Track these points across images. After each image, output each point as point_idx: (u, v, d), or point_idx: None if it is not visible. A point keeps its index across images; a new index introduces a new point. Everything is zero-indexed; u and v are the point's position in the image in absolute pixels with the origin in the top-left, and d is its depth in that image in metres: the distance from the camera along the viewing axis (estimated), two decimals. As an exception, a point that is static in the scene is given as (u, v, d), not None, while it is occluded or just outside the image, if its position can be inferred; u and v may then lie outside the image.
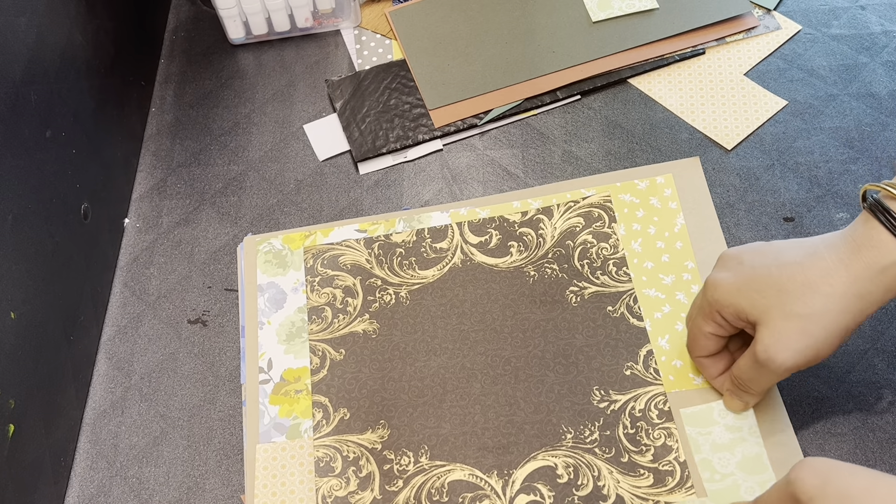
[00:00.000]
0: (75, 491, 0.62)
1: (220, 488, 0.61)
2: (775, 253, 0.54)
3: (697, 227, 0.67)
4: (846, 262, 0.51)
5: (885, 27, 0.77)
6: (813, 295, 0.51)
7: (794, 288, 0.52)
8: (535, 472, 0.59)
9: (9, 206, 0.57)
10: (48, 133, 0.62)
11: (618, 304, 0.64)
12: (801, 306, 0.51)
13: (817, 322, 0.51)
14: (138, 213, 0.73)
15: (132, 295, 0.69)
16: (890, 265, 0.50)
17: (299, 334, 0.65)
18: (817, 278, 0.51)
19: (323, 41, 0.82)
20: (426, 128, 0.74)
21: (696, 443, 0.58)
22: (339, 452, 0.61)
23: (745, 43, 0.77)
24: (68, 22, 0.67)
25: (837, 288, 0.51)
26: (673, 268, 0.65)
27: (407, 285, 0.66)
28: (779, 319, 0.52)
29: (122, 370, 0.66)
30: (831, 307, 0.51)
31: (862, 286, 0.50)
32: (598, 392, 0.61)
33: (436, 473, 0.59)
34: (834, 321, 0.51)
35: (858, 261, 0.51)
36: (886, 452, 0.58)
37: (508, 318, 0.64)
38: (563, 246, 0.67)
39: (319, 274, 0.67)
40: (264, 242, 0.69)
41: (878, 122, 0.72)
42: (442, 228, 0.69)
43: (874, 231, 0.51)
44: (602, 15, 0.78)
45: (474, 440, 0.60)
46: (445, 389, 0.62)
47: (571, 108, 0.75)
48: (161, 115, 0.78)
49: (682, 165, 0.70)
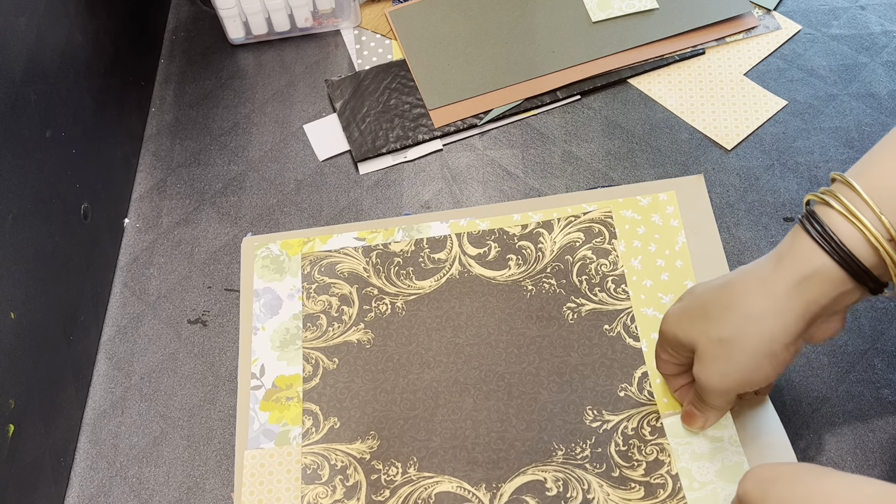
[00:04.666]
0: (75, 491, 0.62)
1: (220, 488, 0.61)
2: (717, 278, 0.52)
3: (699, 246, 0.66)
4: (764, 278, 0.48)
5: (885, 27, 0.77)
6: (732, 317, 0.49)
7: (716, 312, 0.50)
8: (524, 486, 0.58)
9: (9, 206, 0.57)
10: (48, 133, 0.62)
11: (615, 323, 0.64)
12: (721, 330, 0.49)
13: (736, 346, 0.49)
14: (138, 213, 0.73)
15: (132, 295, 0.69)
16: (809, 275, 0.46)
17: (293, 341, 0.65)
18: (736, 300, 0.49)
19: (323, 41, 0.82)
20: (426, 128, 0.74)
21: (675, 453, 0.58)
22: (326, 461, 0.60)
23: (745, 43, 0.77)
24: (68, 22, 0.67)
25: (753, 308, 0.48)
26: (672, 287, 0.65)
27: (403, 295, 0.66)
28: (704, 345, 0.50)
29: (122, 370, 0.66)
30: (749, 329, 0.48)
31: (780, 303, 0.47)
32: (591, 412, 0.61)
33: (423, 485, 0.59)
34: (754, 344, 0.48)
35: (776, 274, 0.47)
36: (886, 452, 0.58)
37: (504, 333, 0.64)
38: (562, 261, 0.66)
39: (316, 281, 0.67)
40: (262, 247, 0.69)
41: (878, 122, 0.72)
42: (441, 239, 0.68)
43: (798, 240, 0.47)
44: (602, 15, 0.78)
45: (464, 454, 0.60)
46: (437, 403, 0.62)
47: (571, 108, 0.75)
48: (161, 115, 0.78)
49: (686, 183, 0.69)
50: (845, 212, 0.46)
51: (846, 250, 0.46)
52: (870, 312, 0.63)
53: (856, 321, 0.63)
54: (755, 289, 0.48)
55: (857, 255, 0.46)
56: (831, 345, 0.62)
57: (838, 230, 0.46)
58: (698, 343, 0.51)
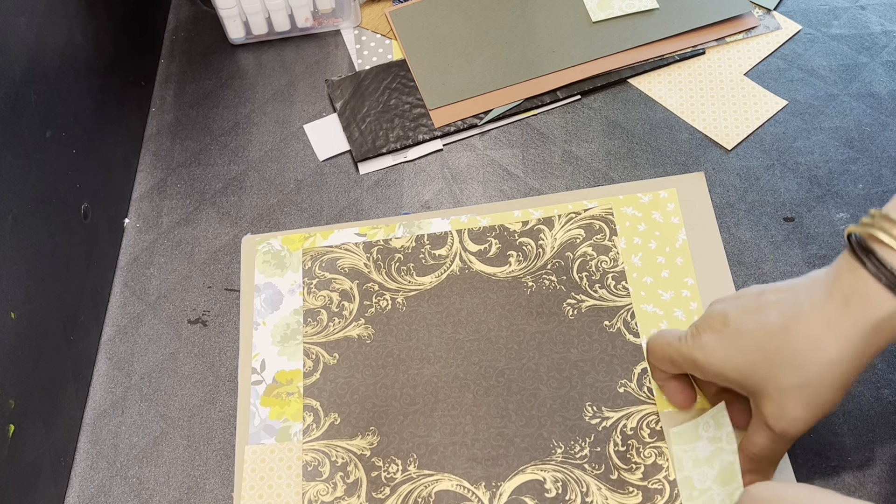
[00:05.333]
0: (75, 491, 0.62)
1: (220, 488, 0.61)
2: (760, 313, 0.50)
3: (699, 243, 0.66)
4: (835, 325, 0.47)
5: (885, 27, 0.77)
6: (806, 366, 0.48)
7: (784, 360, 0.48)
8: (524, 486, 0.58)
9: (9, 206, 0.57)
10: (48, 133, 0.62)
11: (615, 319, 0.64)
12: (795, 378, 0.48)
13: (814, 391, 0.48)
14: (138, 213, 0.73)
15: (132, 295, 0.69)
16: (883, 320, 0.46)
17: (294, 336, 0.65)
18: (807, 347, 0.48)
19: (323, 41, 0.82)
20: (426, 128, 0.74)
21: (679, 461, 0.58)
22: (327, 457, 0.60)
23: (745, 43, 0.77)
24: (68, 22, 0.67)
25: (829, 355, 0.47)
26: (672, 284, 0.65)
27: (404, 291, 0.66)
28: (776, 394, 0.49)
29: (122, 370, 0.66)
30: (825, 375, 0.47)
31: (856, 347, 0.47)
32: (591, 408, 0.61)
33: (423, 483, 0.59)
34: (831, 384, 0.48)
35: (847, 320, 0.47)
36: (886, 452, 0.58)
37: (504, 329, 0.64)
38: (562, 257, 0.66)
39: (317, 276, 0.67)
40: (263, 242, 0.69)
41: (878, 122, 0.72)
42: (442, 235, 0.68)
43: (861, 281, 0.46)
44: (602, 15, 0.78)
45: (464, 451, 0.60)
46: (437, 398, 0.62)
47: (571, 108, 0.75)
48: (161, 115, 0.78)
49: (686, 180, 0.69)
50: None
51: None
52: (870, 312, 0.63)
53: (856, 321, 0.63)
54: (828, 337, 0.47)
55: None
56: (831, 345, 0.62)
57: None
58: (766, 389, 0.50)
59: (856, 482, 0.58)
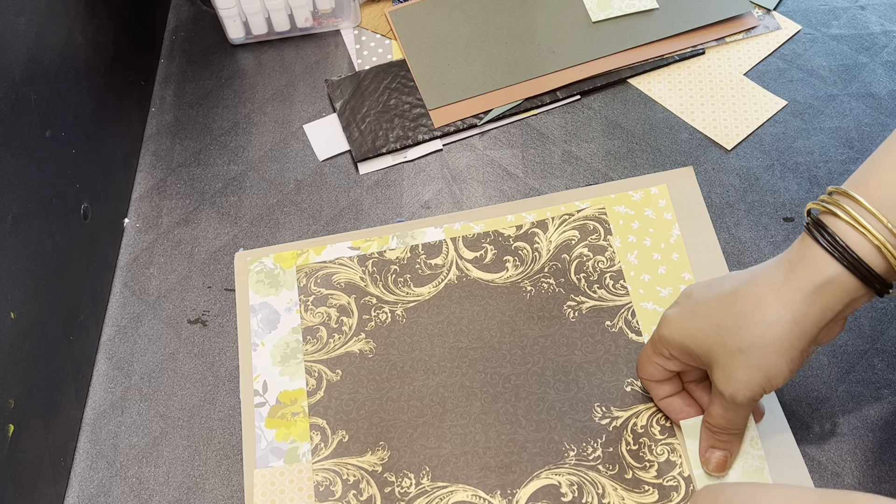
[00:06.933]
0: (75, 491, 0.62)
1: (220, 488, 0.61)
2: (719, 284, 0.52)
3: (693, 237, 0.67)
4: (778, 287, 0.49)
5: (885, 27, 0.77)
6: (748, 327, 0.50)
7: (730, 322, 0.50)
8: (539, 492, 0.58)
9: (9, 206, 0.57)
10: (48, 133, 0.62)
11: (616, 319, 0.64)
12: (738, 340, 0.50)
13: (756, 354, 0.50)
14: (138, 213, 0.73)
15: (132, 295, 0.69)
16: (824, 283, 0.48)
17: (294, 355, 0.64)
18: (750, 308, 0.50)
19: (323, 41, 0.82)
20: (426, 128, 0.74)
21: (694, 456, 0.58)
22: (338, 476, 0.60)
23: (745, 43, 0.77)
24: (68, 22, 0.67)
25: (770, 316, 0.49)
26: (670, 280, 0.65)
27: (402, 303, 0.66)
28: (723, 357, 0.51)
29: (122, 370, 0.66)
30: (767, 337, 0.49)
31: (796, 310, 0.49)
32: (600, 409, 0.61)
33: (438, 495, 0.59)
34: (774, 350, 0.49)
35: (791, 283, 0.49)
36: (886, 452, 0.59)
37: (506, 335, 0.64)
38: (559, 260, 0.66)
39: (313, 293, 0.67)
40: (255, 262, 0.68)
41: (878, 122, 0.72)
42: (436, 244, 0.68)
43: (808, 249, 0.49)
44: (602, 15, 0.78)
45: (476, 460, 0.59)
46: (445, 409, 0.62)
47: (571, 108, 0.75)
48: (161, 115, 0.78)
49: (676, 175, 0.69)
50: (852, 221, 0.47)
51: (858, 259, 0.47)
52: (870, 313, 0.64)
53: (856, 321, 0.63)
54: (770, 297, 0.49)
55: (867, 262, 0.47)
56: (831, 345, 0.62)
57: (848, 240, 0.48)
58: (715, 355, 0.51)
59: (856, 482, 0.58)
